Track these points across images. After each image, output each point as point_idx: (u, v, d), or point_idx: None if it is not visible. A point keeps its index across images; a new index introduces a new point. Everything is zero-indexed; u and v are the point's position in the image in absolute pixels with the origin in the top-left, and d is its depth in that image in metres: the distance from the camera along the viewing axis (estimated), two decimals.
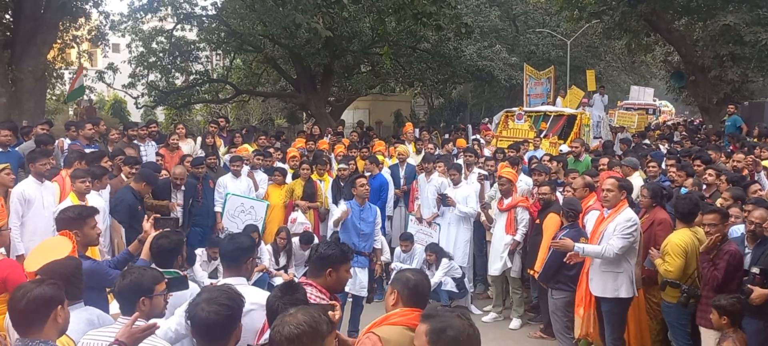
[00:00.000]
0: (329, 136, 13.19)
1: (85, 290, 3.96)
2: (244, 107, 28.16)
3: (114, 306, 3.81)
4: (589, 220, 6.33)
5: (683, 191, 7.18)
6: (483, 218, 8.28)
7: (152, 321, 3.16)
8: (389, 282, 3.36)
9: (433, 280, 7.94)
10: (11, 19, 12.67)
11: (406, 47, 20.35)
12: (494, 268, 7.72)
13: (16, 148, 8.50)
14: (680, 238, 5.43)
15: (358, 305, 7.13)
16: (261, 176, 9.33)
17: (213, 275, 7.55)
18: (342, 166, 9.24)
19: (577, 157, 10.15)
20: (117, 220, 7.15)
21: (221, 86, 22.56)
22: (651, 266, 5.71)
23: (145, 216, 4.64)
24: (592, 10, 19.17)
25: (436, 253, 8.04)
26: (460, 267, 8.20)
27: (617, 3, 17.53)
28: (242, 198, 8.82)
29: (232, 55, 22.03)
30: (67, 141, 9.23)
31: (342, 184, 9.07)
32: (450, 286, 7.98)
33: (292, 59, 20.03)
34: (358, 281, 6.98)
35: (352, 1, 11.97)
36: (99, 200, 6.66)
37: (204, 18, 19.49)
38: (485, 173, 8.62)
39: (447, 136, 15.23)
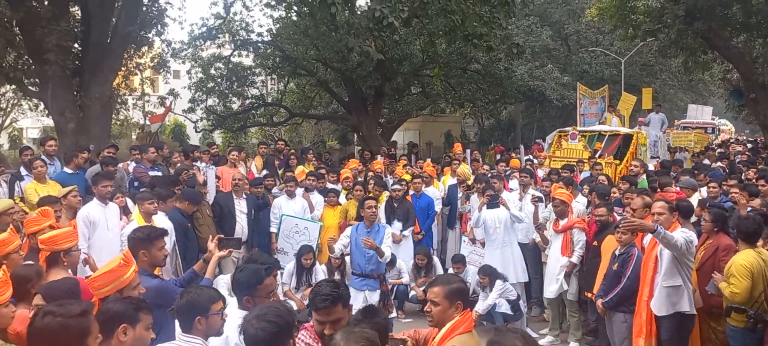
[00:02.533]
0: (383, 156, 13.33)
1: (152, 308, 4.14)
2: (297, 130, 28.71)
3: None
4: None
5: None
6: (538, 239, 8.20)
7: None
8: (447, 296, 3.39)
9: (487, 302, 7.90)
10: (80, 49, 13.28)
11: (457, 68, 20.40)
12: (550, 290, 7.62)
13: (85, 172, 8.90)
14: (745, 259, 5.26)
15: None
16: (317, 198, 9.49)
17: None
18: (396, 186, 9.32)
19: (634, 178, 9.93)
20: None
21: (275, 109, 23.09)
22: (715, 291, 5.54)
23: (210, 237, 4.79)
24: (648, 29, 18.81)
25: (489, 275, 8.00)
26: (514, 289, 8.13)
27: (673, 21, 17.15)
28: (296, 219, 9.00)
29: (286, 79, 22.56)
30: (132, 164, 9.62)
31: (395, 205, 9.16)
32: (504, 308, 7.91)
33: (344, 82, 20.37)
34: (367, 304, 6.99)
35: (404, 24, 12.08)
36: (166, 221, 6.90)
37: (260, 44, 20.06)
38: (539, 194, 8.55)
39: (498, 156, 15.15)
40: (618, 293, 6.03)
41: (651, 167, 11.55)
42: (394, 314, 7.23)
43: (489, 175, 9.93)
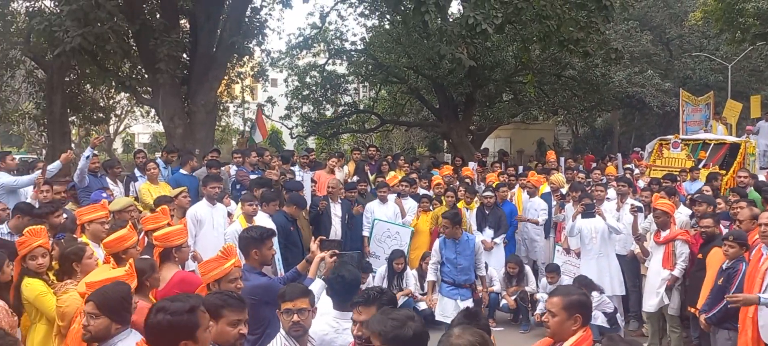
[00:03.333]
0: (475, 164, 13.30)
1: (260, 305, 4.37)
2: (388, 137, 29.06)
3: None
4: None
5: None
6: (637, 250, 7.92)
7: None
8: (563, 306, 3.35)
9: None
10: (188, 59, 14.12)
11: (551, 75, 20.00)
12: (649, 304, 7.34)
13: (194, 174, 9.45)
14: None
15: None
16: (410, 203, 9.60)
17: None
18: (487, 194, 9.28)
19: (743, 189, 9.38)
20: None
21: (367, 116, 23.52)
22: None
23: (312, 238, 5.00)
24: (757, 32, 17.71)
25: (585, 285, 7.79)
26: (611, 301, 7.89)
27: None
28: (388, 223, 9.14)
29: (378, 86, 22.93)
30: (234, 167, 10.13)
31: (487, 212, 9.12)
32: (600, 321, 7.68)
33: (435, 89, 20.46)
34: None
35: (497, 30, 12.03)
36: (268, 222, 7.22)
37: (353, 52, 20.53)
38: (639, 204, 8.25)
39: (594, 164, 14.74)
40: (721, 309, 5.74)
41: (762, 178, 10.86)
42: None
43: (585, 183, 9.69)
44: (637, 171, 12.02)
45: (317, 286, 4.39)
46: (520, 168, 13.57)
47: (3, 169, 7.99)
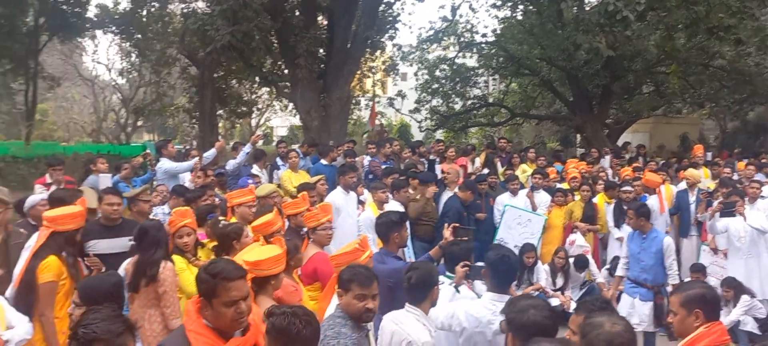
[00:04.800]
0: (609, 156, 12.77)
1: (397, 287, 4.55)
2: (518, 130, 28.51)
3: None
4: None
5: None
6: None
7: None
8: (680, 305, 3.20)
9: (730, 318, 7.22)
10: (325, 54, 14.76)
11: (697, 65, 18.64)
12: None
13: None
14: None
15: (649, 341, 6.77)
16: (541, 197, 9.44)
17: None
18: (626, 189, 8.91)
19: None
20: (447, 223, 8.01)
21: (496, 110, 23.23)
22: None
23: (445, 225, 5.12)
24: None
25: (733, 288, 7.29)
26: (763, 306, 7.31)
27: None
28: (520, 210, 9.02)
29: (509, 79, 22.57)
30: (368, 158, 10.49)
31: (625, 208, 8.75)
32: (751, 326, 7.17)
33: (569, 81, 19.77)
34: (636, 313, 6.62)
35: (638, 18, 11.45)
36: (400, 209, 7.44)
37: (484, 45, 20.36)
38: None
39: (746, 161, 13.59)
40: None
41: None
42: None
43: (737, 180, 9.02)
44: None
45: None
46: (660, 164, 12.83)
47: (165, 156, 8.85)
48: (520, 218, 8.93)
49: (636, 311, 6.61)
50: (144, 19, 17.97)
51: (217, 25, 11.95)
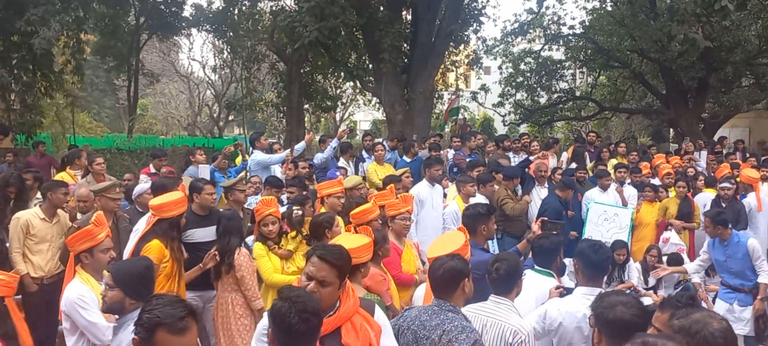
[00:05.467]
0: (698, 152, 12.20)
1: (482, 279, 4.56)
2: (606, 125, 27.59)
3: None
4: None
5: None
6: None
7: None
8: None
9: None
10: (408, 48, 14.86)
11: None
12: None
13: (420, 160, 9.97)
14: None
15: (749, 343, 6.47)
16: (630, 191, 9.16)
17: None
18: (725, 185, 8.48)
19: None
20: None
21: (583, 103, 22.59)
22: None
23: (535, 219, 5.09)
24: None
25: None
26: None
27: None
28: (605, 206, 8.78)
29: (597, 72, 21.89)
30: (452, 151, 10.50)
31: (724, 205, 8.35)
32: None
33: (662, 73, 18.95)
34: (735, 316, 6.32)
35: (738, 7, 10.83)
36: (486, 202, 7.43)
37: (571, 37, 19.84)
38: None
39: None
40: None
41: None
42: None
43: None
44: None
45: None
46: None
47: (258, 148, 9.22)
48: (606, 214, 8.68)
49: (736, 316, 6.32)
50: (236, 17, 18.68)
51: (305, 21, 12.28)
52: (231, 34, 19.07)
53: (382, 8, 14.70)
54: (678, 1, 11.70)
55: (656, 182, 9.47)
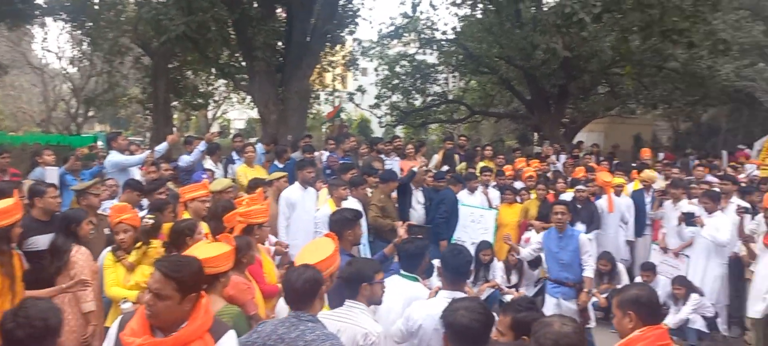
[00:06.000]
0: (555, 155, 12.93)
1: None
2: (476, 128, 28.74)
3: None
4: None
5: None
6: (743, 252, 7.46)
7: None
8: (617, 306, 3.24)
9: (679, 316, 7.40)
10: (283, 46, 14.54)
11: (651, 66, 19.04)
12: (755, 310, 6.89)
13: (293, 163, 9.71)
14: None
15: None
16: (494, 194, 9.51)
17: None
18: (580, 187, 9.01)
19: None
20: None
21: (456, 107, 23.34)
22: None
23: (399, 223, 5.07)
24: None
25: (685, 287, 7.45)
26: (712, 306, 7.49)
27: None
28: (471, 208, 9.06)
29: (468, 77, 22.68)
30: (326, 153, 10.37)
31: (579, 206, 8.85)
32: (699, 324, 7.36)
33: (527, 80, 19.99)
34: (561, 310, 6.64)
35: (594, 19, 11.61)
36: (358, 206, 7.35)
37: (444, 42, 20.40)
38: (746, 205, 7.76)
39: (697, 162, 13.96)
40: None
41: None
42: (592, 324, 6.93)
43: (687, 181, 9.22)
44: (754, 170, 11.31)
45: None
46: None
47: (115, 149, 8.56)
48: (473, 215, 8.97)
49: (562, 310, 6.65)
50: (96, 7, 17.37)
51: (171, 15, 11.66)
52: (90, 24, 17.69)
53: (256, 4, 14.29)
54: (540, 12, 12.35)
55: (519, 184, 9.88)
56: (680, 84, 19.83)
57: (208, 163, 9.43)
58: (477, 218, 9.04)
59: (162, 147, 8.96)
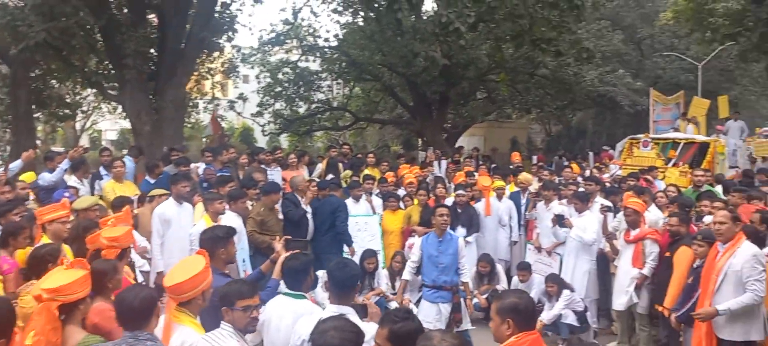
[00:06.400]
0: (437, 161, 13.25)
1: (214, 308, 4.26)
2: (362, 134, 28.96)
3: None
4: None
5: None
6: (607, 248, 7.94)
7: None
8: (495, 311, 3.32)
9: (553, 312, 7.72)
10: (156, 54, 13.82)
11: (524, 73, 20.10)
12: (619, 302, 7.37)
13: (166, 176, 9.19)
14: None
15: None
16: (377, 201, 9.54)
17: None
18: (460, 192, 9.23)
19: (698, 189, 9.44)
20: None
21: (340, 114, 23.38)
22: None
23: (277, 237, 4.90)
24: (727, 32, 18.03)
25: (557, 284, 7.81)
26: (582, 300, 7.91)
27: (755, 24, 16.36)
28: (356, 217, 9.02)
29: (352, 84, 22.81)
30: (202, 166, 9.94)
31: (459, 211, 9.07)
32: (571, 319, 7.71)
33: (409, 87, 20.41)
34: (442, 317, 6.77)
35: (470, 29, 12.03)
36: (238, 221, 7.06)
37: (326, 49, 20.37)
38: (609, 203, 8.28)
39: (565, 163, 14.84)
40: (691, 307, 5.77)
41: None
42: (467, 326, 7.06)
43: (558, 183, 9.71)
44: (616, 170, 12.12)
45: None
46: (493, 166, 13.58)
47: None
48: (357, 224, 8.93)
49: (442, 316, 6.75)
50: None
51: (30, 20, 10.74)
52: None
53: (125, 10, 13.50)
54: (420, 21, 12.61)
55: (403, 191, 9.98)
56: (550, 90, 21.04)
57: (72, 180, 8.74)
58: (362, 225, 9.02)
59: (16, 165, 8.21)
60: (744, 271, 5.11)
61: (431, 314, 6.71)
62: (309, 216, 8.61)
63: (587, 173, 12.12)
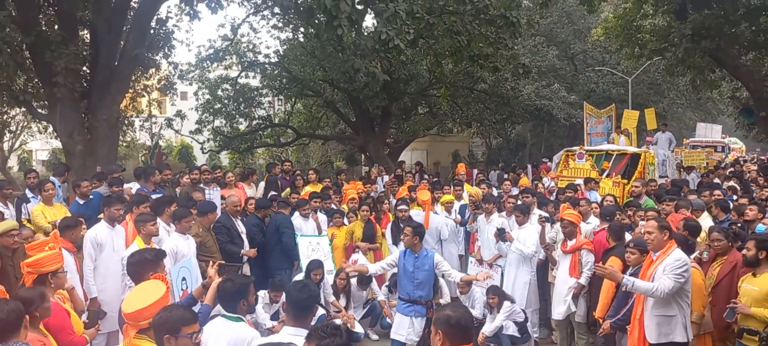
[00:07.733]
0: (382, 176, 13.29)
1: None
2: (305, 150, 28.78)
3: None
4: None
5: (760, 228, 6.80)
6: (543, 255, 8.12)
7: None
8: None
9: (495, 324, 7.80)
10: (88, 71, 13.34)
11: (463, 88, 20.44)
12: (558, 312, 7.53)
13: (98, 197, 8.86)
14: None
15: None
16: (322, 218, 9.47)
17: (275, 317, 7.61)
18: (402, 207, 9.26)
19: (637, 199, 9.80)
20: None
21: (282, 130, 23.18)
22: (732, 319, 5.46)
23: (210, 262, 4.78)
24: (654, 47, 18.83)
25: (498, 295, 7.91)
26: (523, 311, 8.03)
27: (680, 39, 17.15)
28: (309, 237, 8.94)
29: (294, 100, 22.68)
30: (135, 186, 9.63)
31: (401, 225, 9.07)
32: (512, 330, 7.82)
33: (351, 102, 20.44)
34: (414, 330, 6.83)
35: (409, 45, 12.15)
36: (184, 240, 6.88)
37: (267, 65, 20.18)
38: (546, 215, 8.48)
39: (505, 176, 15.13)
40: (626, 314, 5.94)
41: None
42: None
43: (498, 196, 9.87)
44: (549, 182, 12.39)
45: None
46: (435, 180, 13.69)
47: None
48: (310, 244, 8.83)
49: (415, 329, 6.80)
50: None
51: None
52: None
53: (56, 27, 12.99)
54: (360, 37, 12.64)
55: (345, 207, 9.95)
56: (489, 104, 21.47)
57: None
58: (315, 246, 8.93)
59: None
60: (666, 268, 5.28)
61: (403, 327, 6.78)
62: (243, 236, 8.46)
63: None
